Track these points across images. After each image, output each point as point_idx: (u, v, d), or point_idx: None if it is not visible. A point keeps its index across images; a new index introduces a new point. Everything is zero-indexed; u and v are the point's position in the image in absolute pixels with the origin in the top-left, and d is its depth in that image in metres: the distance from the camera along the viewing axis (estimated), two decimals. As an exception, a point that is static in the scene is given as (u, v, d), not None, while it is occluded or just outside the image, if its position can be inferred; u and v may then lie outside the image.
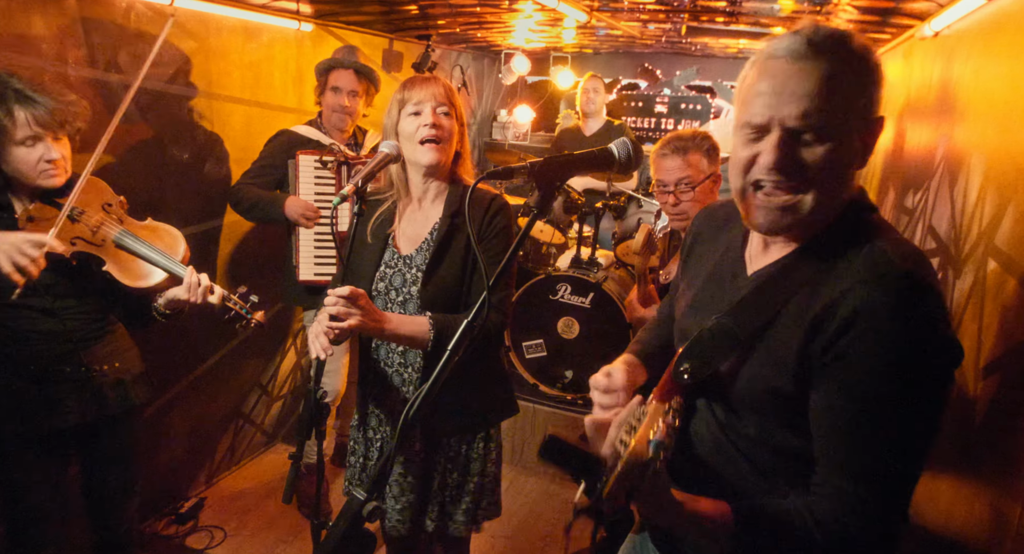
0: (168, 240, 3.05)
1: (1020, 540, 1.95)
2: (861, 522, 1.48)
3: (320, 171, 4.30)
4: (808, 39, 1.53)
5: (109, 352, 3.06)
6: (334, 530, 1.62)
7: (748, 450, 1.73)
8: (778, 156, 1.55)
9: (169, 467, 4.66)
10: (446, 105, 2.65)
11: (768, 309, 1.64)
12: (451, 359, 1.75)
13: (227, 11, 4.35)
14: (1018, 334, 2.14)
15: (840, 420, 1.52)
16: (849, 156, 1.57)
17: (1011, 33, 2.68)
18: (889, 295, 1.46)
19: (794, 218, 1.59)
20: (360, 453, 2.96)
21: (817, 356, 1.53)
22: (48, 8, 3.41)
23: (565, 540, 1.65)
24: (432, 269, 2.69)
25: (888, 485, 1.50)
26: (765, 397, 1.65)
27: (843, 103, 1.52)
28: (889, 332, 1.45)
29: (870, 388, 1.48)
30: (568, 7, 4.44)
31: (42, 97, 2.66)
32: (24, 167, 2.70)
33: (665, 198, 3.39)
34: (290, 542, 4.39)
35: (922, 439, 1.49)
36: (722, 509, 1.56)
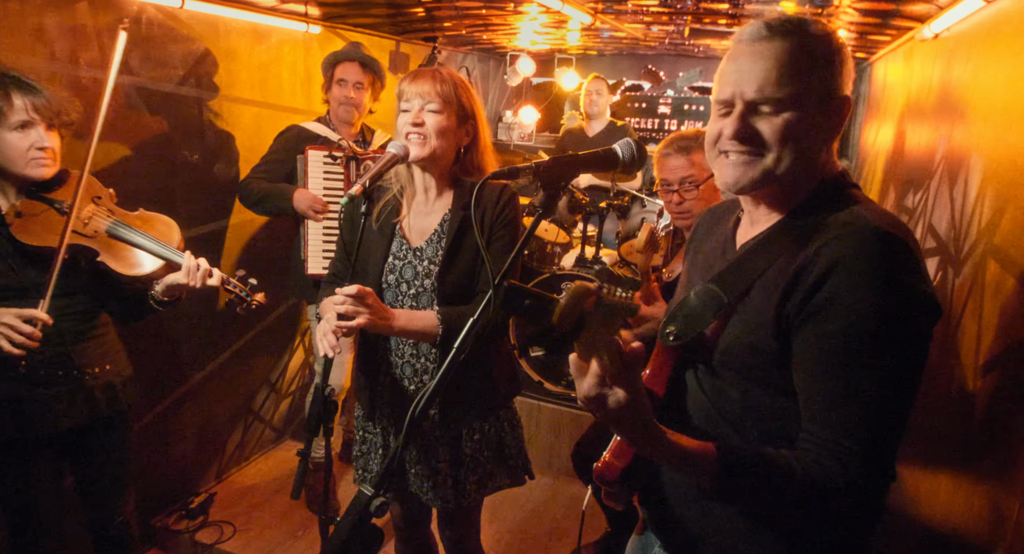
0: (162, 228, 3.01)
1: (1019, 535, 1.96)
2: (842, 469, 1.49)
3: (329, 166, 4.30)
4: (767, 23, 1.64)
5: (100, 354, 3.02)
6: (342, 525, 1.62)
7: (733, 416, 1.74)
8: (738, 127, 1.65)
9: (180, 463, 4.67)
10: (436, 102, 2.62)
11: (751, 272, 1.68)
12: (457, 357, 1.75)
13: (237, 14, 4.36)
14: (1017, 332, 2.15)
15: (820, 370, 1.54)
16: (810, 128, 1.63)
17: (1009, 35, 2.69)
18: (863, 246, 1.50)
19: (757, 173, 1.65)
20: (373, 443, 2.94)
21: (795, 310, 1.56)
22: (61, 11, 3.42)
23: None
24: (448, 262, 2.68)
25: (869, 434, 1.50)
26: (746, 355, 1.67)
27: (798, 77, 1.61)
28: (864, 282, 1.48)
29: (849, 337, 1.50)
30: (573, 9, 4.44)
31: (41, 86, 2.66)
32: (14, 153, 2.64)
33: (669, 197, 3.38)
34: (299, 537, 4.39)
35: (901, 390, 1.52)
36: (707, 446, 1.56)
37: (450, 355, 1.74)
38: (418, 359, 2.79)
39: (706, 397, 1.81)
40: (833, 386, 1.52)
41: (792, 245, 1.63)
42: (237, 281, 3.01)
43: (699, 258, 2.02)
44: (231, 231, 4.74)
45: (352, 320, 2.44)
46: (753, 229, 1.80)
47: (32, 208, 2.76)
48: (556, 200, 1.90)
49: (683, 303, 1.77)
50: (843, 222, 1.57)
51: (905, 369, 1.52)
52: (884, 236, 1.50)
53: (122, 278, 2.90)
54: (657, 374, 1.85)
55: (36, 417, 2.83)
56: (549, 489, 5.15)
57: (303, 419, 5.65)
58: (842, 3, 3.85)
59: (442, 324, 2.59)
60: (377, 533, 1.69)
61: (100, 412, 3.00)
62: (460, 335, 1.77)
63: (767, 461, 1.54)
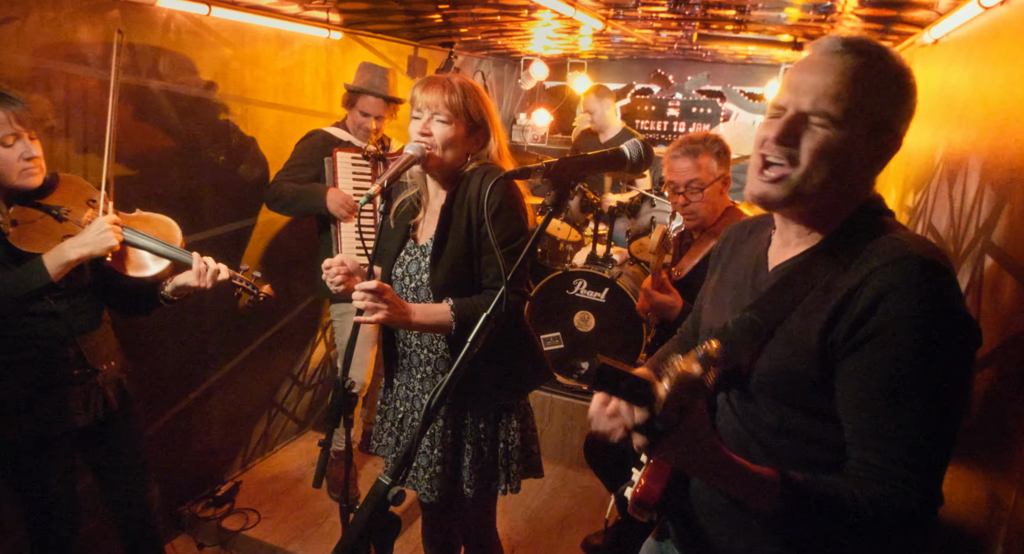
0: (163, 229, 2.99)
1: (1016, 523, 1.96)
2: (903, 498, 1.45)
3: (357, 167, 4.32)
4: (843, 39, 1.58)
5: (107, 352, 3.01)
6: (361, 513, 1.62)
7: (765, 439, 1.70)
8: (781, 130, 1.58)
9: (207, 453, 4.70)
10: (443, 112, 2.62)
11: (789, 299, 1.63)
12: (470, 351, 1.75)
13: (261, 21, 4.36)
14: (1014, 327, 2.15)
15: (872, 398, 1.49)
16: (850, 151, 1.56)
17: (1006, 41, 2.68)
18: (911, 276, 1.45)
19: (782, 191, 1.60)
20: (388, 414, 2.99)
21: (842, 339, 1.51)
22: (94, 18, 3.44)
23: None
24: (436, 256, 2.70)
25: (925, 461, 1.46)
26: (785, 382, 1.62)
27: (856, 99, 1.54)
28: (915, 311, 1.43)
29: (900, 366, 1.45)
30: (584, 16, 4.43)
31: (17, 95, 2.61)
32: (4, 167, 2.61)
33: (676, 199, 3.39)
34: (320, 524, 4.41)
35: (952, 416, 1.47)
36: (768, 471, 1.51)
37: (464, 350, 1.74)
38: (422, 350, 2.83)
39: (738, 420, 1.77)
40: (886, 414, 1.47)
41: (830, 272, 1.58)
42: (242, 275, 2.99)
43: (728, 274, 1.97)
44: (256, 230, 4.76)
45: (372, 315, 2.45)
46: (786, 251, 1.75)
47: (27, 215, 2.73)
48: (566, 199, 1.89)
49: (723, 332, 1.73)
50: (887, 250, 1.52)
51: (954, 395, 1.47)
52: (931, 265, 1.46)
53: (128, 279, 2.88)
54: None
55: (54, 416, 2.84)
56: (560, 479, 5.16)
57: (324, 411, 5.67)
58: (845, 9, 3.83)
59: (455, 318, 2.60)
60: (395, 520, 1.70)
61: (111, 408, 3.01)
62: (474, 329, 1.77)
63: (830, 487, 1.50)
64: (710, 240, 3.39)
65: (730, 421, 1.80)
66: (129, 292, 3.02)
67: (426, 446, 2.82)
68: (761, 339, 1.66)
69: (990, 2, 2.76)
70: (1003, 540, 2.02)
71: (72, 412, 2.87)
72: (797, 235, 1.72)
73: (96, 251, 2.67)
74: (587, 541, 4.32)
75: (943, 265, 1.48)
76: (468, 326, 1.80)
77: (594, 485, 4.82)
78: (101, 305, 3.01)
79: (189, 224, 2.95)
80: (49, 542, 3.00)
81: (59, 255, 2.63)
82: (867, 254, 1.54)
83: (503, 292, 1.73)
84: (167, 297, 2.96)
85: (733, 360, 1.70)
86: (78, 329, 2.87)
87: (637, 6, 4.38)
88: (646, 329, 5.03)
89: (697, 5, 4.25)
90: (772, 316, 1.65)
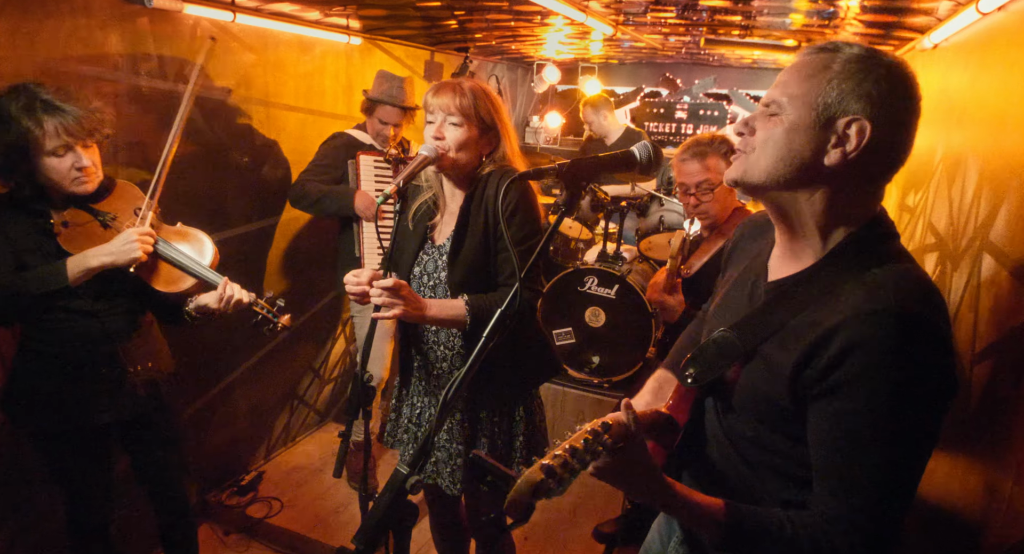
0: (197, 246, 2.96)
1: (1011, 511, 1.97)
2: (849, 546, 1.44)
3: (380, 169, 4.34)
4: (818, 44, 1.57)
5: (144, 353, 3.00)
6: (380, 501, 1.63)
7: (745, 450, 1.71)
8: (749, 117, 1.62)
9: (231, 443, 4.73)
10: (456, 115, 2.62)
11: (772, 323, 1.60)
12: (486, 346, 1.75)
13: (284, 27, 4.38)
14: (1010, 322, 2.16)
15: (836, 445, 1.47)
16: (801, 141, 1.51)
17: (1003, 46, 2.69)
18: (881, 333, 1.39)
19: (736, 172, 1.62)
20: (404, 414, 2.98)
21: (810, 383, 1.48)
22: (124, 25, 3.46)
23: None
24: (453, 256, 2.70)
25: (880, 510, 1.45)
26: (762, 405, 1.61)
27: (799, 84, 1.53)
28: (879, 371, 1.39)
29: (865, 418, 1.42)
30: (595, 21, 4.43)
31: (69, 106, 2.58)
32: (56, 176, 2.62)
33: (687, 200, 3.40)
34: (340, 512, 4.43)
35: (914, 466, 1.45)
36: (715, 503, 1.54)
37: (479, 344, 1.75)
38: (438, 346, 2.83)
39: (721, 429, 1.78)
40: (847, 462, 1.46)
41: (815, 302, 1.54)
42: (265, 303, 2.95)
43: (735, 274, 1.95)
44: (278, 228, 4.78)
45: (389, 311, 2.46)
46: (783, 266, 1.70)
47: (79, 218, 2.74)
48: (578, 199, 1.89)
49: (703, 348, 1.73)
50: (867, 295, 1.44)
51: (919, 446, 1.45)
52: (908, 324, 1.38)
53: (157, 293, 2.87)
54: (679, 404, 1.82)
55: (76, 411, 2.83)
56: (572, 469, 5.15)
57: (344, 403, 5.69)
58: (847, 16, 3.83)
59: (470, 313, 2.61)
60: (412, 508, 1.71)
61: (142, 407, 3.00)
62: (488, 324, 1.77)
63: (773, 527, 1.51)
64: (719, 239, 3.40)
65: (715, 430, 1.81)
66: (162, 302, 3.00)
67: (445, 440, 2.84)
68: (737, 359, 1.66)
69: (988, 8, 2.76)
70: (999, 527, 2.03)
71: (97, 409, 2.87)
72: (791, 249, 1.68)
73: (119, 261, 2.66)
74: (598, 529, 4.32)
75: (921, 318, 1.40)
76: (483, 321, 1.81)
77: (604, 475, 4.82)
78: (140, 308, 3.00)
79: (214, 223, 2.96)
80: (84, 526, 3.04)
81: (81, 261, 2.63)
82: (850, 292, 1.48)
83: (517, 288, 1.74)
84: (190, 314, 2.94)
85: (710, 375, 1.71)
86: (113, 330, 2.87)
87: (646, 12, 4.38)
88: (655, 324, 5.03)
89: (704, 11, 4.25)
90: (750, 337, 1.64)
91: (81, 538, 3.05)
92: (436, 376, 2.85)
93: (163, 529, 3.37)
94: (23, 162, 2.58)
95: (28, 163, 2.59)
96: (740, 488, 1.72)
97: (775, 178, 1.56)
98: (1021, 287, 2.14)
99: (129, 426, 3.03)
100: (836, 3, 3.59)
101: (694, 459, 1.87)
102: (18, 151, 2.55)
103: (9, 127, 2.52)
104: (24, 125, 2.51)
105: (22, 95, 2.54)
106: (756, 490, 1.68)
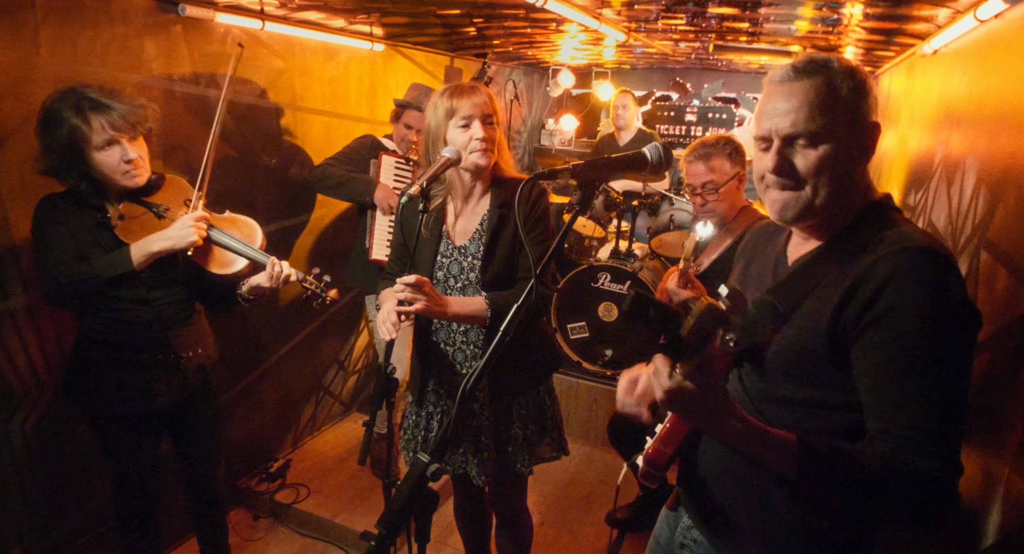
0: (247, 230, 3.02)
1: (1008, 496, 1.98)
2: (921, 461, 1.43)
3: (399, 171, 4.36)
4: (793, 66, 1.62)
5: (194, 340, 3.06)
6: (402, 488, 1.63)
7: (770, 411, 1.70)
8: (776, 161, 1.62)
9: (261, 432, 4.76)
10: (491, 115, 2.63)
11: (804, 286, 1.65)
12: (503, 339, 1.76)
13: (310, 34, 4.40)
14: (1007, 316, 2.17)
15: (884, 373, 1.49)
16: (844, 155, 1.60)
17: (1000, 52, 2.70)
18: (914, 263, 1.47)
19: (799, 207, 1.64)
20: (422, 426, 2.95)
21: (852, 320, 1.52)
22: (158, 33, 3.49)
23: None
24: (489, 256, 2.69)
25: (938, 428, 1.44)
26: (795, 358, 1.63)
27: (827, 112, 1.58)
28: (918, 293, 1.45)
29: (908, 341, 1.46)
30: (609, 28, 4.42)
31: (115, 103, 2.64)
32: (108, 170, 2.68)
33: (695, 199, 3.41)
34: (364, 498, 4.44)
35: (958, 388, 1.47)
36: (786, 434, 1.52)
37: (496, 337, 1.75)
38: (467, 346, 2.81)
39: (745, 393, 1.78)
40: (898, 386, 1.48)
41: (842, 261, 1.60)
42: (313, 279, 2.99)
43: (751, 272, 1.97)
44: (304, 226, 4.80)
45: (411, 306, 2.46)
46: (804, 246, 1.77)
47: (133, 211, 2.80)
48: (592, 198, 1.89)
49: (743, 314, 1.74)
50: (892, 240, 1.53)
51: (959, 369, 1.47)
52: (932, 253, 1.48)
53: (212, 275, 2.92)
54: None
55: (139, 395, 2.90)
56: (586, 458, 5.18)
57: (368, 394, 5.71)
58: (851, 23, 3.81)
59: (490, 308, 2.61)
60: (433, 496, 1.71)
61: (193, 391, 3.08)
62: (506, 318, 1.78)
63: (847, 450, 1.50)
64: (728, 237, 3.40)
65: (736, 391, 1.81)
66: (214, 289, 3.07)
67: (474, 433, 2.83)
68: (777, 319, 1.67)
69: (985, 16, 2.77)
70: (997, 512, 2.04)
71: (155, 392, 2.94)
72: (814, 233, 1.74)
73: (178, 245, 2.73)
74: (611, 515, 4.33)
75: (942, 253, 1.50)
76: (502, 316, 1.81)
77: (617, 464, 4.83)
78: (191, 298, 3.06)
79: (245, 222, 2.98)
80: (132, 508, 3.08)
81: (144, 246, 2.70)
82: (874, 245, 1.56)
83: (533, 284, 1.74)
84: (244, 296, 3.00)
85: (750, 338, 1.71)
86: (166, 317, 2.93)
87: (658, 19, 4.37)
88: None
89: (713, 18, 4.24)
90: (787, 300, 1.67)
91: (129, 519, 3.10)
92: (462, 376, 2.82)
93: (195, 512, 3.42)
94: (77, 159, 2.65)
95: (82, 160, 2.65)
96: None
97: (838, 196, 1.63)
98: (1016, 282, 2.16)
99: (178, 409, 3.09)
100: (840, 10, 3.58)
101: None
102: (70, 149, 2.61)
103: (60, 126, 2.59)
104: (73, 123, 2.58)
105: (69, 96, 2.61)
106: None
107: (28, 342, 3.12)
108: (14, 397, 3.10)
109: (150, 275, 2.84)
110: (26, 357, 3.12)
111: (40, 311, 3.13)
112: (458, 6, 4.12)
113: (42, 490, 3.27)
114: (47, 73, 3.00)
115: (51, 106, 2.61)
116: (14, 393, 3.09)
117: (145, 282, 2.84)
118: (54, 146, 2.61)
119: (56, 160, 2.64)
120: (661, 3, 3.83)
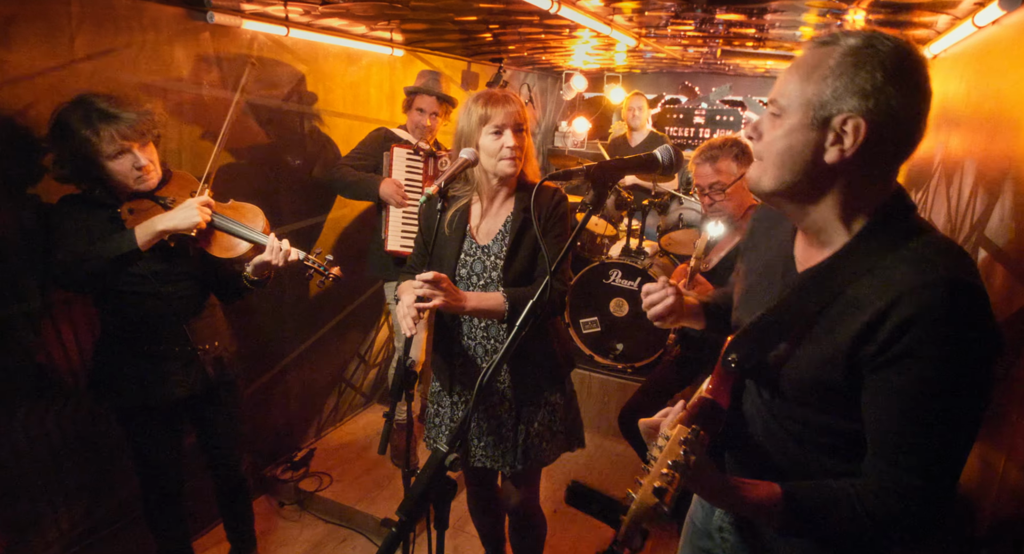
0: (250, 215, 3.01)
1: (1005, 485, 1.98)
2: (903, 506, 1.40)
3: (411, 162, 4.38)
4: (821, 38, 1.46)
5: (210, 333, 3.08)
6: (421, 477, 1.63)
7: (793, 430, 1.64)
8: (757, 120, 1.54)
9: (285, 423, 4.78)
10: (523, 123, 2.63)
11: (814, 304, 1.51)
12: (519, 334, 1.76)
13: (333, 40, 4.42)
14: (1004, 313, 2.17)
15: (894, 414, 1.40)
16: (800, 142, 1.44)
17: (997, 56, 2.70)
18: (938, 302, 1.32)
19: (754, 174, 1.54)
20: (446, 415, 2.97)
21: (869, 358, 1.40)
22: (187, 40, 3.51)
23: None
24: (512, 257, 2.69)
25: (936, 473, 1.39)
26: (812, 388, 1.54)
27: (799, 88, 1.44)
28: (940, 338, 1.32)
29: (925, 387, 1.36)
30: (620, 34, 4.42)
31: (123, 112, 2.64)
32: (121, 177, 2.70)
33: (703, 200, 3.41)
34: (385, 486, 4.46)
35: (972, 427, 1.40)
36: (773, 490, 1.49)
37: (513, 331, 1.76)
38: (488, 341, 2.81)
39: (767, 409, 1.71)
40: (906, 430, 1.40)
41: (855, 282, 1.46)
42: (315, 257, 2.99)
43: (757, 263, 1.86)
44: (327, 224, 4.82)
45: (430, 302, 2.47)
46: (812, 253, 1.61)
47: (141, 205, 2.80)
48: (604, 198, 1.88)
49: (744, 332, 1.65)
50: (915, 269, 1.38)
51: (978, 407, 1.38)
52: (959, 289, 1.33)
53: (218, 260, 2.93)
54: (720, 387, 1.68)
55: (158, 387, 2.92)
56: (598, 447, 5.18)
57: (388, 386, 5.72)
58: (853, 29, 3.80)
59: (508, 303, 2.62)
60: (451, 484, 1.71)
61: (211, 383, 3.08)
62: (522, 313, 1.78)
63: (830, 501, 1.47)
64: (736, 234, 3.41)
65: (759, 410, 1.74)
66: (223, 275, 3.08)
67: (495, 427, 2.84)
68: (780, 341, 1.58)
69: (983, 22, 2.77)
70: (993, 500, 2.04)
71: (173, 384, 2.95)
72: (817, 237, 1.57)
73: (181, 226, 2.71)
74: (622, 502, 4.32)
75: (970, 283, 1.35)
76: (520, 311, 1.81)
77: (628, 453, 4.82)
78: (204, 291, 3.08)
79: (269, 219, 2.99)
80: (157, 495, 3.11)
81: (149, 226, 2.69)
82: (893, 267, 1.41)
83: (548, 281, 1.74)
84: (249, 277, 2.99)
85: (752, 359, 1.63)
86: (181, 310, 2.95)
87: (667, 25, 4.36)
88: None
89: (721, 24, 4.23)
90: (794, 319, 1.55)
91: (155, 506, 3.13)
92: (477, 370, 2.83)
93: (221, 499, 3.45)
94: (91, 168, 2.67)
95: (96, 168, 2.67)
96: (787, 464, 1.67)
97: (785, 184, 1.49)
98: (1014, 279, 2.16)
99: (199, 401, 3.10)
100: (843, 17, 3.57)
101: (735, 438, 1.81)
102: (83, 158, 2.63)
103: (72, 137, 2.59)
104: (84, 134, 2.58)
105: (79, 107, 2.61)
106: (805, 464, 1.63)
107: (65, 338, 3.15)
108: (51, 391, 3.13)
109: (161, 269, 2.86)
110: (64, 352, 3.15)
111: (74, 307, 3.15)
112: (475, 13, 4.13)
113: (77, 478, 3.30)
114: (82, 79, 3.02)
115: (61, 118, 2.62)
116: (51, 387, 3.13)
117: (157, 277, 2.85)
118: (67, 156, 2.63)
119: (70, 169, 2.67)
120: (671, 10, 3.83)
